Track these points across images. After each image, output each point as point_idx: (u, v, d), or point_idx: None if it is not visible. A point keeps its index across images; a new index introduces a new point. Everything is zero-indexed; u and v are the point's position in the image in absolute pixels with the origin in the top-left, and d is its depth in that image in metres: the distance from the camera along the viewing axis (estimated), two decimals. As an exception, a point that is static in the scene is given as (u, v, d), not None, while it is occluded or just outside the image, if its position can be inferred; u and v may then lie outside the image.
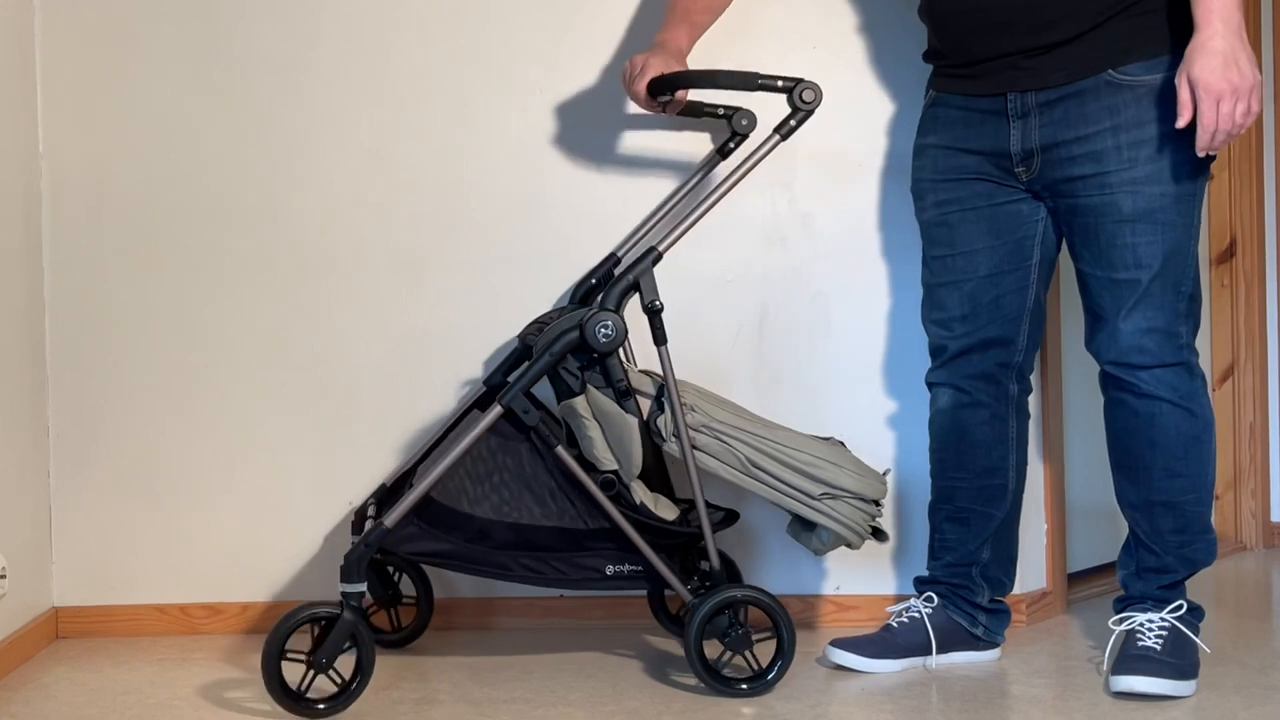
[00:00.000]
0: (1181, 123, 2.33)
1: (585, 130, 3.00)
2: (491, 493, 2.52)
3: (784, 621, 2.54)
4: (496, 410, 2.50)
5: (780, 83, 2.48)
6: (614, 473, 2.52)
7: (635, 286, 2.51)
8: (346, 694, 2.44)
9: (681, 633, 2.58)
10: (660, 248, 2.53)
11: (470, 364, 3.02)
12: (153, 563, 3.05)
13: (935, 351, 2.67)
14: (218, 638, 3.02)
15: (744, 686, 2.53)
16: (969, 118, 2.55)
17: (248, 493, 3.05)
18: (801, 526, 2.61)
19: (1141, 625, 2.55)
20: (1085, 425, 3.04)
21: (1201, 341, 3.44)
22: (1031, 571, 2.99)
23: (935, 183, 2.61)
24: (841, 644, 2.68)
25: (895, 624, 2.70)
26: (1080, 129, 2.44)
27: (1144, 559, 2.58)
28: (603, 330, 2.47)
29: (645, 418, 2.52)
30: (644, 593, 2.90)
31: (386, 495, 2.71)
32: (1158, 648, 2.52)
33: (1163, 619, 2.56)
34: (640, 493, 2.55)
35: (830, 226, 2.99)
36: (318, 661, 2.44)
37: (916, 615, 2.69)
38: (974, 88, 2.53)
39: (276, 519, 3.04)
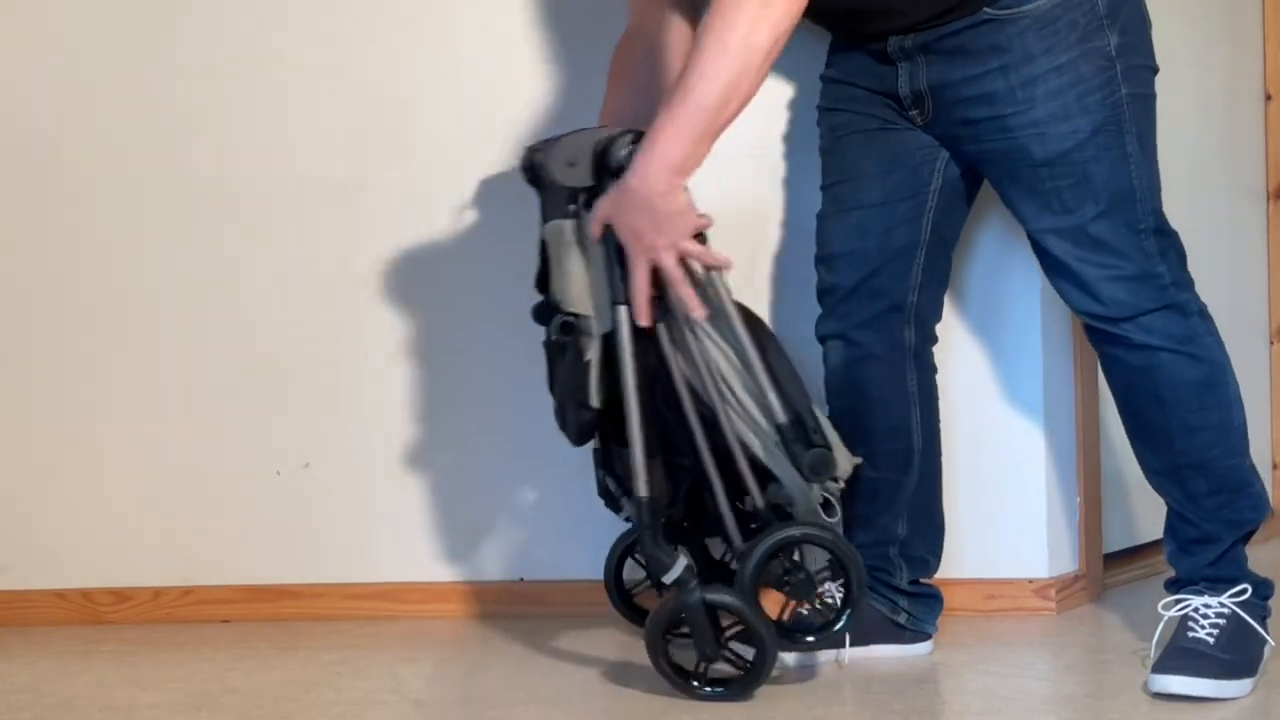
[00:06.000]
0: (594, 232, 2.33)
1: (557, 33, 2.87)
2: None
3: (851, 563, 2.39)
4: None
5: None
6: (575, 315, 2.36)
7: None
8: (754, 670, 2.37)
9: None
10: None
11: (417, 310, 2.90)
12: (50, 541, 2.97)
13: (821, 295, 2.59)
14: (126, 628, 2.91)
15: (810, 639, 2.44)
16: (861, 56, 2.50)
17: (159, 461, 2.94)
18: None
19: (1196, 611, 2.41)
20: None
21: (1257, 291, 3.41)
22: (1061, 552, 2.87)
23: (828, 110, 2.56)
24: None
25: (807, 611, 2.58)
26: (967, 70, 2.36)
27: (1184, 532, 2.46)
28: (628, 153, 2.30)
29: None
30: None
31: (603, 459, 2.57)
32: (1210, 640, 2.37)
33: (1221, 604, 2.41)
34: None
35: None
36: (706, 655, 2.36)
37: (831, 601, 2.57)
38: (856, 37, 2.49)
39: (193, 491, 2.93)
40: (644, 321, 2.29)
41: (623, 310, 2.31)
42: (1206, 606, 2.40)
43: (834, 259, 2.54)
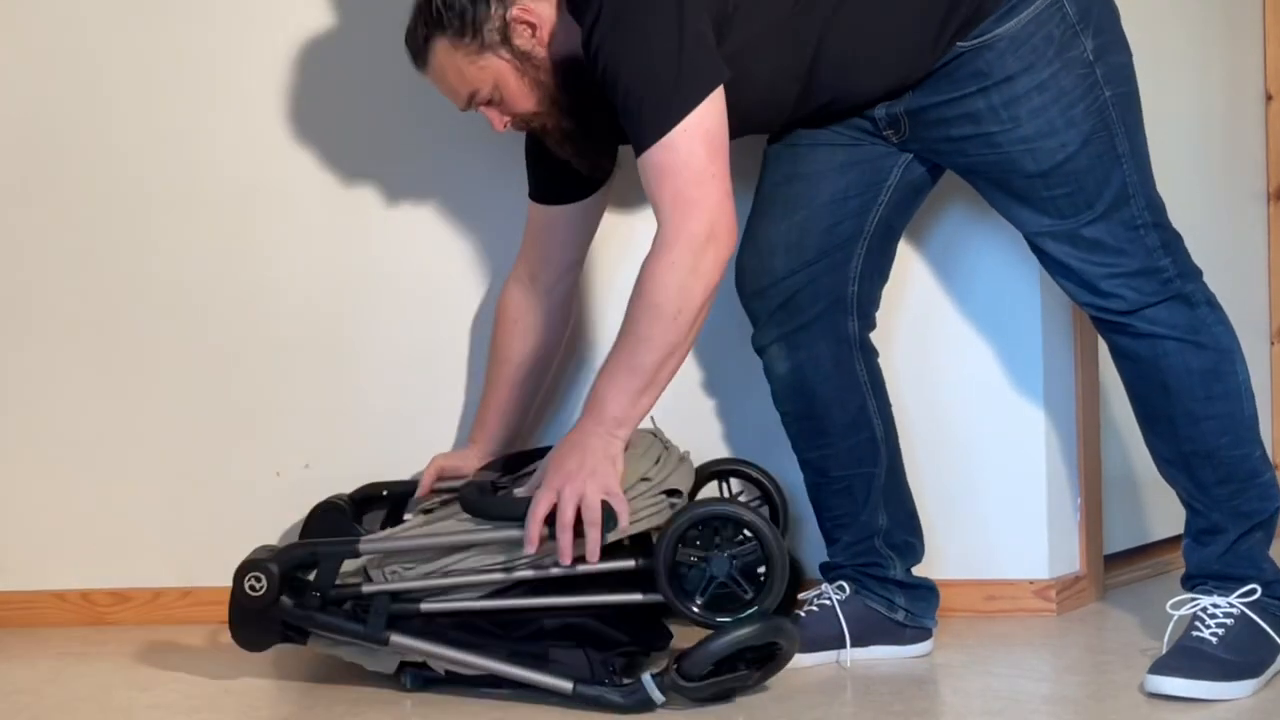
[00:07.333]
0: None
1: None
2: None
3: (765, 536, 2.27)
4: None
5: None
6: None
7: None
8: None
9: None
10: None
11: (423, 312, 2.87)
12: (50, 542, 2.95)
13: (753, 297, 2.52)
14: (126, 628, 2.89)
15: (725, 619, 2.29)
16: None
17: (160, 461, 2.92)
18: None
19: (1205, 611, 2.38)
20: (1125, 384, 2.89)
21: (1257, 291, 3.40)
22: (1061, 553, 2.85)
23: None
24: None
25: (804, 614, 2.56)
26: (945, 93, 2.36)
27: (1195, 523, 2.44)
28: None
29: None
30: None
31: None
32: (1214, 640, 2.34)
33: (1230, 604, 2.37)
34: None
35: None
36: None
37: (827, 603, 2.56)
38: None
39: (193, 491, 2.91)
40: (530, 549, 2.23)
41: None
42: (1215, 606, 2.37)
43: (770, 256, 2.48)
